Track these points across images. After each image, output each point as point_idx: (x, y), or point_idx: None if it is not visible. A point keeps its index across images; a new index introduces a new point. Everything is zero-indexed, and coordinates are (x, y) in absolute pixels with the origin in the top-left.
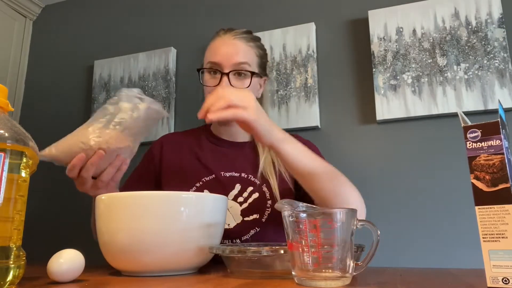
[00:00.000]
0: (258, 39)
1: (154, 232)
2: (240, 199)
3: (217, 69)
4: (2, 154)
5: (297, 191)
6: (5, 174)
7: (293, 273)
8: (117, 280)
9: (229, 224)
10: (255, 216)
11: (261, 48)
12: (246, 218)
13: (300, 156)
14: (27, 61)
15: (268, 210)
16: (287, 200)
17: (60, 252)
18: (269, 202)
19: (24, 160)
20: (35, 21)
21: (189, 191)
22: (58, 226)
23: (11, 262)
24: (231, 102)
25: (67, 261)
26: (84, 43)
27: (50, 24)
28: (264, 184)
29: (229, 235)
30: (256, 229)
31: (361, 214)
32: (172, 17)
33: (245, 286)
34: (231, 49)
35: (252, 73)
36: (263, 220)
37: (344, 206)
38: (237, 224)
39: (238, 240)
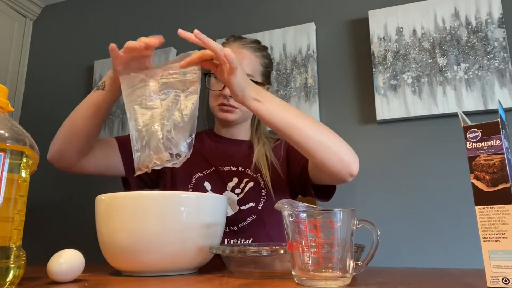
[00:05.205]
0: (265, 49)
1: (154, 232)
2: (238, 190)
3: None
4: (2, 154)
5: (290, 180)
6: (5, 174)
7: (293, 273)
8: (117, 280)
9: (227, 213)
10: (251, 204)
11: (267, 58)
12: (242, 207)
13: (276, 111)
14: (27, 61)
15: (264, 198)
16: (287, 200)
17: (60, 252)
18: (264, 191)
19: (24, 160)
20: (35, 21)
21: (191, 180)
22: (58, 226)
23: (11, 262)
24: (226, 57)
25: (67, 261)
26: (84, 43)
27: (50, 24)
28: (259, 174)
29: (227, 222)
30: (253, 217)
31: (354, 161)
32: (172, 17)
33: (245, 286)
34: (237, 57)
35: (254, 82)
36: (259, 208)
37: (335, 158)
38: (234, 213)
39: (235, 227)
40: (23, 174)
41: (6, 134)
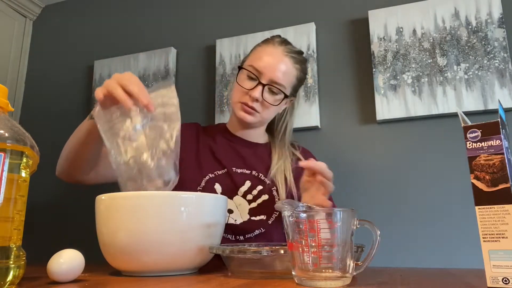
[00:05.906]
0: (305, 62)
1: (154, 232)
2: (249, 196)
3: (256, 75)
4: (2, 154)
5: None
6: (5, 174)
7: (293, 273)
8: (117, 280)
9: (236, 220)
10: (262, 217)
11: (303, 72)
12: (253, 218)
13: None
14: (27, 61)
15: (276, 213)
16: (287, 200)
17: (60, 252)
18: None
19: (24, 160)
20: (35, 21)
21: (201, 181)
22: (58, 226)
23: (11, 262)
24: (326, 173)
25: (67, 261)
26: (84, 43)
27: (50, 24)
28: (274, 187)
29: (234, 230)
30: (261, 230)
31: None
32: (172, 17)
33: (245, 286)
34: (277, 64)
35: (285, 96)
36: (270, 222)
37: None
38: (244, 221)
39: (242, 237)
40: (23, 174)
41: (6, 134)
